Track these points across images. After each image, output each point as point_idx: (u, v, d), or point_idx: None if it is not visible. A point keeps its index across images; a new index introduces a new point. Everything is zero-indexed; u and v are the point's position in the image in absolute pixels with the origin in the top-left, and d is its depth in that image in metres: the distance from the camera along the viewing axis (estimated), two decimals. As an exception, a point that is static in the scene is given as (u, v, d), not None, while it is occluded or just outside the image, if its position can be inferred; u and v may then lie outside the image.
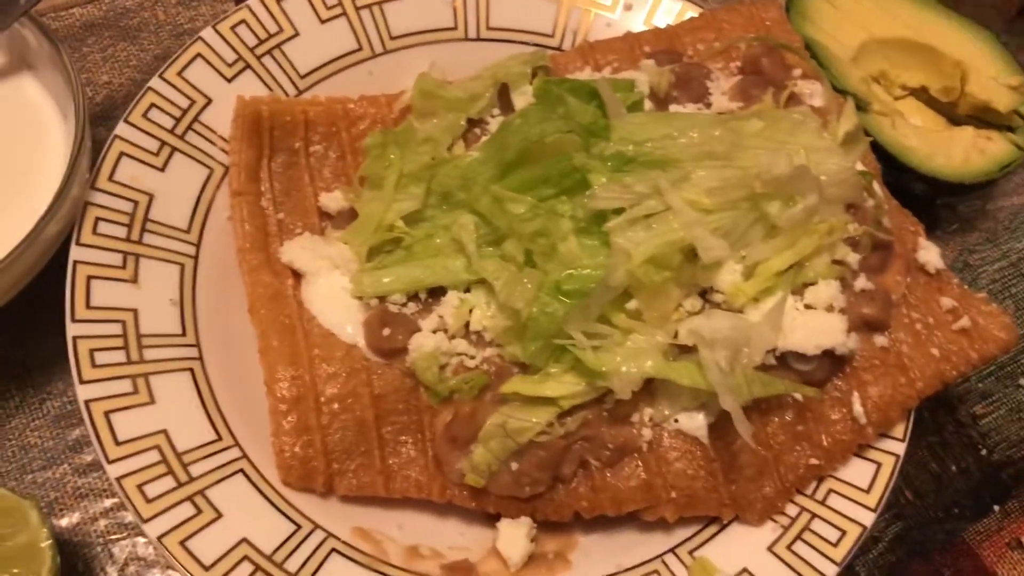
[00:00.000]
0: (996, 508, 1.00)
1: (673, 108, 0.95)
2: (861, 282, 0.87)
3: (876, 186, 0.93)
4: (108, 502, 0.88)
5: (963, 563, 0.97)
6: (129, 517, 0.87)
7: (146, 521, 0.76)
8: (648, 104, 0.95)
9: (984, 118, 1.11)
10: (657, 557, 0.84)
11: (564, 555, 0.84)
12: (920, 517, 0.99)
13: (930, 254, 0.92)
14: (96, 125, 1.03)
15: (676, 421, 0.84)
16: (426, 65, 1.02)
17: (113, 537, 0.87)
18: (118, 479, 0.76)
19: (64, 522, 0.87)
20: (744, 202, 0.83)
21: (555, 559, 0.84)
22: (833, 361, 0.85)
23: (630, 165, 0.85)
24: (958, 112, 1.13)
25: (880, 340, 0.88)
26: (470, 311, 0.86)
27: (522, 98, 0.96)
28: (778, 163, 0.81)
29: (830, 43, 1.12)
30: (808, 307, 0.85)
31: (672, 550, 0.85)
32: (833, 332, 0.83)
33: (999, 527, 0.99)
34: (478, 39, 1.07)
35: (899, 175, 1.06)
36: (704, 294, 0.85)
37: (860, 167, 0.92)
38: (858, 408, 0.85)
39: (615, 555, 0.85)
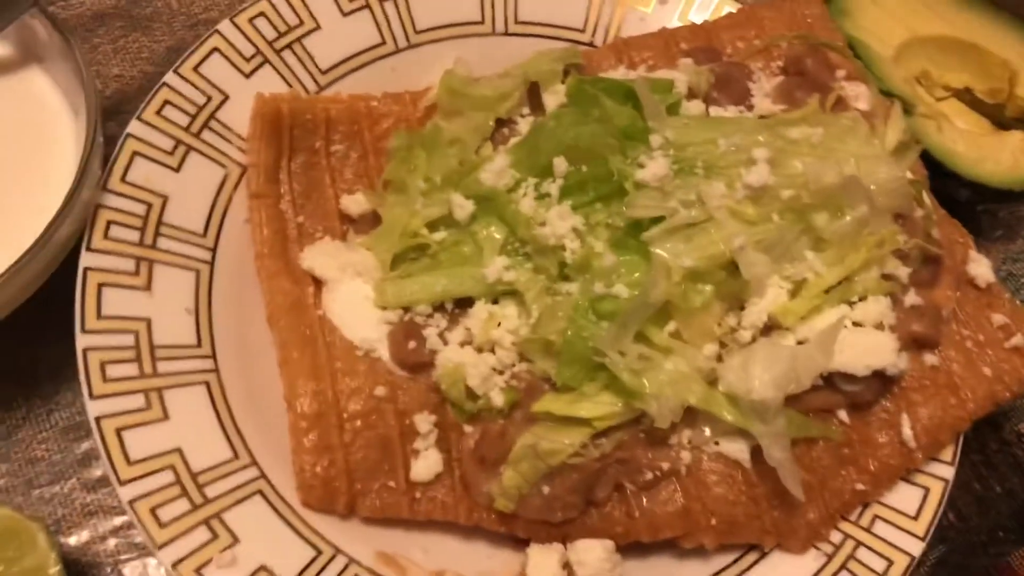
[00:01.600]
0: (1045, 532, 0.96)
1: (713, 110, 0.90)
2: (911, 297, 0.83)
3: (925, 195, 0.88)
4: (118, 520, 0.84)
5: (1007, 588, 0.93)
6: (140, 536, 0.83)
7: (160, 547, 0.72)
8: (692, 106, 0.90)
9: (1032, 122, 1.07)
10: (694, 586, 0.80)
11: (598, 583, 0.80)
12: (963, 540, 0.95)
13: (980, 267, 0.88)
14: (107, 119, 0.98)
15: (717, 444, 0.80)
16: (451, 60, 0.97)
17: (123, 557, 0.83)
18: (130, 502, 0.73)
19: (72, 540, 0.83)
20: (790, 213, 0.79)
21: (588, 586, 0.80)
22: (882, 381, 0.81)
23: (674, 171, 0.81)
24: (1006, 115, 1.08)
25: (930, 359, 0.83)
26: (498, 324, 0.82)
27: (553, 97, 0.92)
28: (827, 172, 0.77)
29: (871, 41, 1.07)
30: (856, 324, 0.80)
31: (711, 579, 0.81)
32: (884, 351, 0.79)
33: (1045, 552, 0.95)
34: (506, 33, 1.03)
35: (944, 181, 1.01)
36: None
37: (909, 175, 0.88)
38: (907, 431, 0.81)
39: (650, 583, 0.81)
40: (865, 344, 0.79)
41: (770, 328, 0.80)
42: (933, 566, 0.94)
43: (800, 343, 0.79)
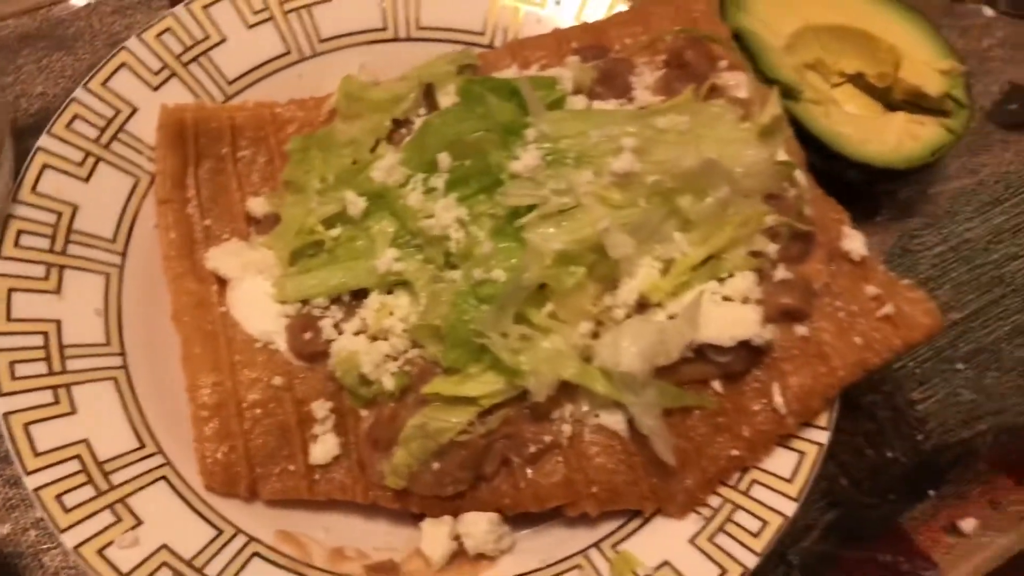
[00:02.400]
0: (932, 493, 1.00)
1: (596, 104, 0.95)
2: (780, 272, 0.87)
3: (799, 175, 0.93)
4: (40, 512, 0.88)
5: (898, 548, 0.98)
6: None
7: (63, 531, 0.77)
8: (576, 100, 0.95)
9: (919, 103, 1.11)
10: (580, 552, 0.85)
11: (488, 553, 0.85)
12: (855, 504, 0.99)
13: (854, 242, 0.92)
14: (31, 136, 1.03)
15: (596, 417, 0.85)
16: (356, 67, 1.03)
17: (44, 547, 0.88)
18: (35, 490, 0.77)
19: (-5, 533, 0.88)
20: (655, 196, 0.83)
21: (479, 557, 0.85)
22: (751, 352, 0.85)
23: (547, 162, 0.85)
24: (894, 97, 1.13)
25: (801, 330, 0.88)
26: (390, 313, 0.86)
27: (447, 98, 0.96)
28: (686, 156, 0.81)
29: (764, 32, 1.12)
30: (726, 299, 0.85)
31: (596, 544, 0.85)
32: (748, 323, 0.83)
33: (934, 512, 1.00)
34: (409, 39, 1.08)
35: (833, 163, 1.06)
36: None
37: (784, 156, 0.93)
38: (778, 398, 0.85)
39: (540, 551, 0.85)
40: (731, 317, 0.83)
41: (644, 306, 0.85)
42: (825, 529, 0.98)
43: (671, 318, 0.84)
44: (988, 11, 1.32)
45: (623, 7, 1.08)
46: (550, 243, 0.81)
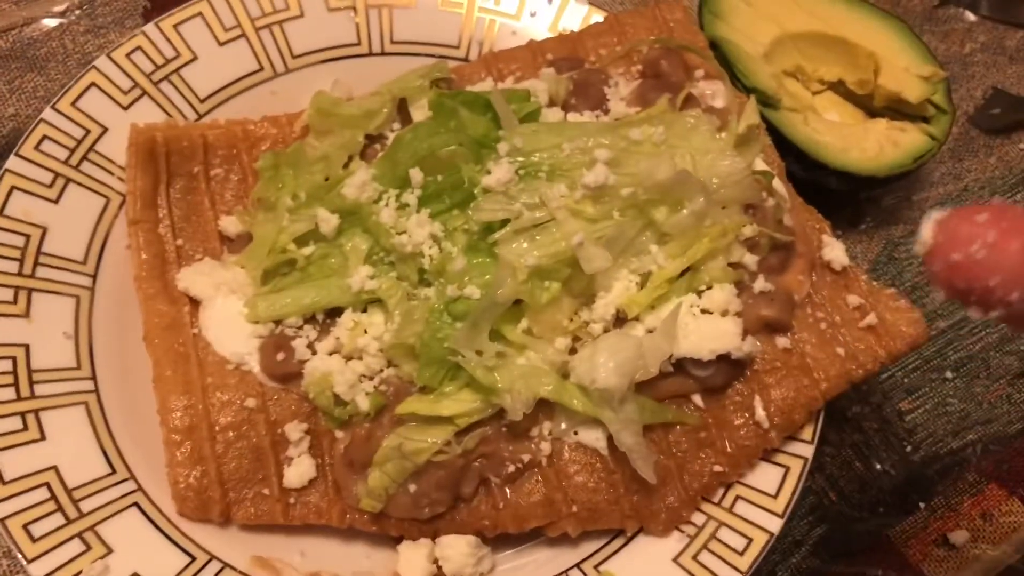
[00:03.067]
0: (922, 505, 0.99)
1: (571, 116, 0.94)
2: (760, 284, 0.86)
3: (778, 184, 0.92)
4: (5, 563, 0.87)
5: (889, 562, 0.96)
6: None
7: (30, 561, 0.75)
8: (550, 113, 0.94)
9: (900, 109, 1.10)
10: (562, 573, 0.83)
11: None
12: (844, 518, 0.98)
13: (835, 251, 0.91)
14: (3, 158, 1.02)
15: (576, 434, 0.83)
16: (330, 82, 1.01)
17: (15, 578, 0.86)
18: (2, 519, 0.76)
19: (-35, 565, 0.86)
20: (630, 209, 0.82)
21: (459, 580, 0.83)
22: (732, 365, 0.84)
23: (520, 176, 0.84)
24: (874, 104, 1.12)
25: (782, 341, 0.86)
26: (364, 331, 0.85)
27: (420, 112, 0.95)
28: (660, 168, 0.80)
29: (743, 41, 1.11)
30: (705, 312, 0.84)
31: (577, 565, 0.84)
32: (728, 336, 0.82)
33: (925, 525, 0.98)
34: (383, 53, 1.07)
35: (814, 172, 1.05)
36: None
37: (762, 166, 0.91)
38: (760, 412, 0.84)
39: (521, 573, 0.84)
40: (710, 330, 0.82)
41: (621, 320, 0.84)
42: (814, 545, 0.96)
43: (650, 332, 0.82)
44: (970, 15, 1.31)
45: (599, 18, 1.07)
46: (524, 258, 0.80)
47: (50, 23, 1.14)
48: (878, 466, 1.01)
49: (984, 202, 0.55)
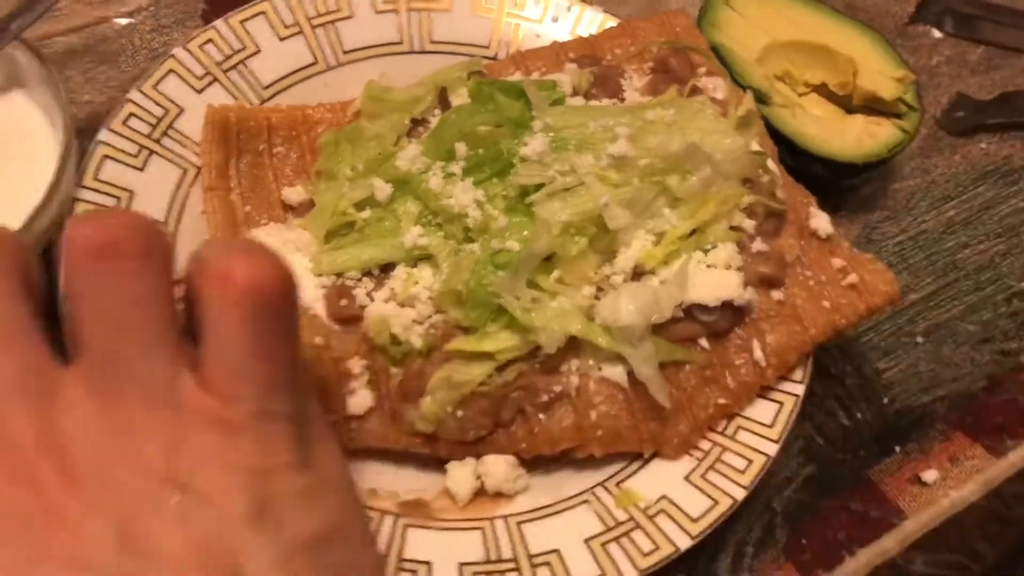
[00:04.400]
0: (897, 449, 1.12)
1: (592, 103, 1.08)
2: (757, 245, 1.00)
3: (771, 164, 1.06)
4: None
5: (868, 497, 1.09)
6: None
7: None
8: (574, 101, 1.08)
9: (876, 107, 1.25)
10: (588, 490, 0.95)
11: (506, 492, 0.95)
12: (829, 460, 1.11)
13: (820, 221, 1.05)
14: (80, 139, 1.14)
15: (600, 369, 0.96)
16: (376, 75, 1.15)
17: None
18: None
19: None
20: (647, 177, 0.96)
21: (498, 495, 0.95)
22: (734, 312, 0.97)
23: (552, 148, 0.98)
24: (853, 103, 1.27)
25: (776, 295, 1.00)
26: (416, 282, 0.97)
27: (459, 99, 1.09)
28: (672, 142, 0.94)
29: (736, 47, 1.26)
30: (710, 267, 0.97)
31: (602, 483, 0.96)
32: (731, 286, 0.95)
33: (900, 466, 1.11)
34: (422, 52, 1.20)
35: (800, 159, 1.20)
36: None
37: (757, 148, 1.06)
38: (758, 353, 0.97)
39: (552, 490, 0.96)
40: (716, 281, 0.95)
41: (639, 274, 0.97)
42: (803, 481, 1.09)
43: (663, 283, 0.96)
44: (936, 32, 1.48)
45: (612, 23, 1.21)
46: (557, 216, 0.93)
47: (120, 22, 1.28)
48: (859, 415, 1.14)
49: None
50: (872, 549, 1.06)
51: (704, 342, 0.98)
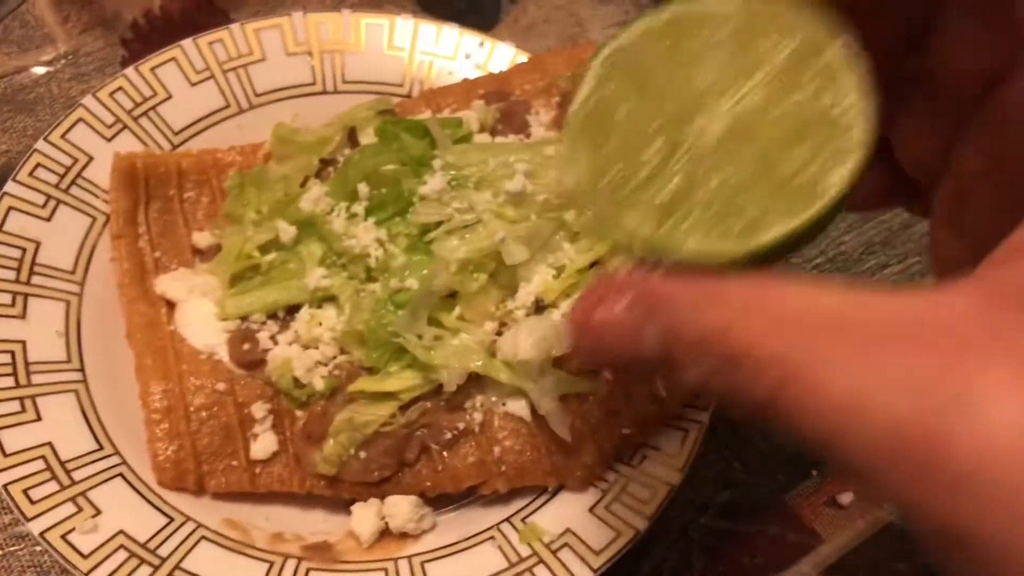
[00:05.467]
0: (814, 473, 1.13)
1: (499, 140, 1.09)
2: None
3: (674, 194, 1.07)
4: (6, 518, 0.98)
5: (786, 522, 1.10)
6: (25, 529, 0.97)
7: (30, 520, 0.86)
8: (480, 138, 1.09)
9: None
10: (494, 526, 0.95)
11: (411, 532, 0.95)
12: (746, 485, 1.12)
13: (725, 250, 1.06)
14: (-3, 187, 1.15)
15: (504, 405, 0.97)
16: (289, 117, 1.16)
17: (11, 549, 0.97)
18: (5, 486, 0.87)
19: (-33, 537, 0.97)
20: (545, 212, 0.97)
21: (403, 535, 0.95)
22: (635, 343, 0.98)
23: (452, 185, 0.99)
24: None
25: (679, 324, 1.01)
26: (319, 323, 0.98)
27: (368, 139, 1.10)
28: (567, 177, 0.95)
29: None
30: (611, 299, 0.98)
31: (508, 519, 0.96)
32: (630, 317, 0.96)
33: (816, 489, 1.12)
34: (336, 92, 1.21)
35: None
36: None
37: (661, 179, 1.07)
38: (659, 383, 0.98)
39: (458, 528, 0.96)
40: (615, 313, 0.96)
41: (541, 307, 0.98)
42: (720, 507, 1.10)
43: (564, 316, 0.96)
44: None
45: (523, 58, 1.23)
46: (455, 253, 0.94)
47: (38, 71, 1.29)
48: (775, 439, 1.15)
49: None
50: (790, 573, 1.07)
51: (607, 373, 0.98)
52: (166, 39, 1.31)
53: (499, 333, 0.96)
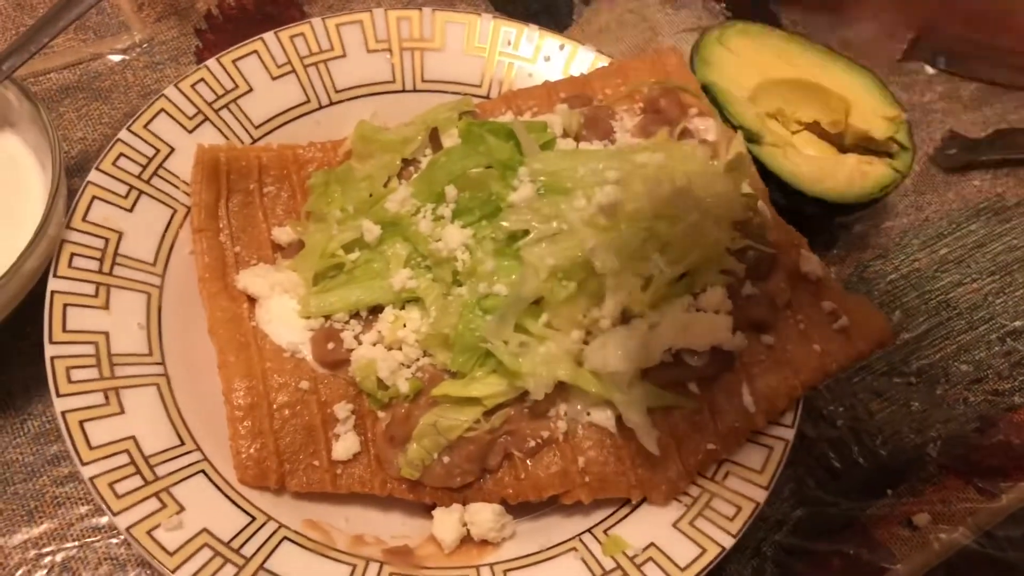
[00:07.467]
0: (889, 492, 1.11)
1: (583, 145, 1.08)
2: (747, 288, 0.99)
3: (761, 205, 1.06)
4: (83, 508, 0.98)
5: (860, 541, 1.08)
6: (103, 520, 0.97)
7: (116, 514, 0.86)
8: (565, 143, 1.08)
9: (868, 146, 1.25)
10: (575, 536, 0.94)
11: (492, 539, 0.94)
12: (821, 502, 1.10)
13: (811, 264, 1.04)
14: (72, 176, 1.14)
15: (589, 415, 0.95)
16: (368, 114, 1.15)
17: (88, 540, 0.96)
18: (91, 479, 0.87)
19: (43, 527, 0.96)
20: (636, 222, 0.95)
21: (484, 543, 0.94)
22: (723, 356, 0.96)
23: (540, 193, 0.98)
24: (846, 142, 1.27)
25: (766, 339, 0.99)
26: (404, 325, 0.97)
27: (450, 140, 1.09)
28: (662, 187, 0.94)
29: (729, 86, 1.26)
30: (700, 310, 0.97)
31: (589, 530, 0.95)
32: (720, 331, 0.95)
33: (891, 509, 1.10)
34: (414, 90, 1.20)
35: (793, 199, 1.19)
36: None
37: (748, 190, 1.05)
38: (747, 398, 0.97)
39: (538, 537, 0.95)
40: (705, 325, 0.95)
41: (627, 318, 0.96)
42: (795, 525, 1.08)
43: (652, 327, 0.95)
44: (929, 69, 1.48)
45: (604, 62, 1.21)
46: (544, 260, 0.93)
47: (114, 59, 1.28)
48: (851, 458, 1.13)
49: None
50: (864, 594, 1.05)
51: (694, 387, 0.97)
52: (240, 30, 1.31)
53: (585, 342, 0.95)
